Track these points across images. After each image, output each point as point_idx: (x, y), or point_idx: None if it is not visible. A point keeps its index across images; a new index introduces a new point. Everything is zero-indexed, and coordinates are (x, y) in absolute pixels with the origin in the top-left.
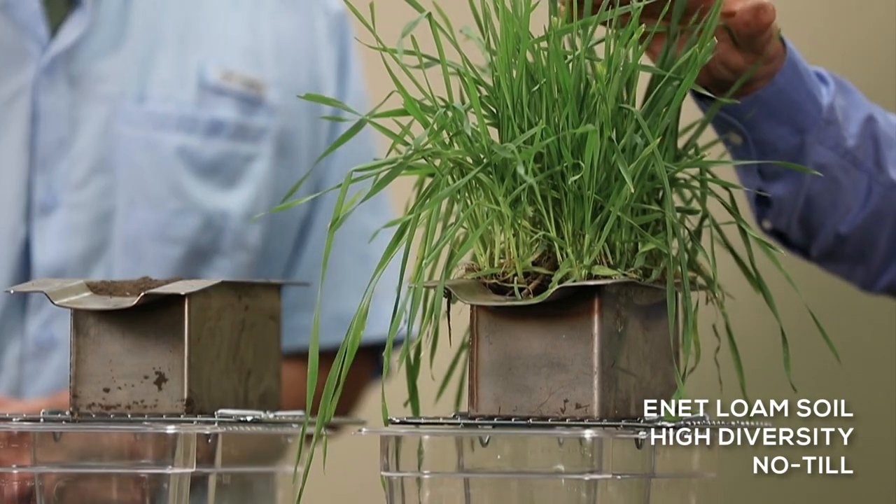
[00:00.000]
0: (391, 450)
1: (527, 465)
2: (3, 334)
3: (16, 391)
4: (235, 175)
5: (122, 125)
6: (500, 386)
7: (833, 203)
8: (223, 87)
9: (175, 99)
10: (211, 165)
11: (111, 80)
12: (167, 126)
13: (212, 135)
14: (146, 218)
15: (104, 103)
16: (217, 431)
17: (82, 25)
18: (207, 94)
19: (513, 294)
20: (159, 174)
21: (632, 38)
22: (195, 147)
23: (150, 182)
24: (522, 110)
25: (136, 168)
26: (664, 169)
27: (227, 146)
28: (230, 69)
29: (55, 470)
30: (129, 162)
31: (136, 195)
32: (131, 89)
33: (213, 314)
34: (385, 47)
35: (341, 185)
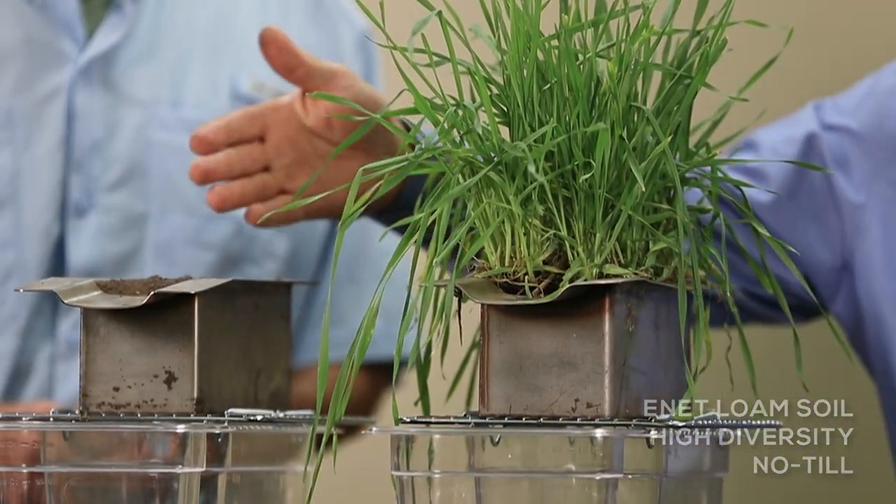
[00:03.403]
0: (402, 449)
1: (538, 465)
2: (33, 335)
3: (47, 392)
4: None
5: (155, 130)
6: (510, 385)
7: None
8: (254, 98)
9: (208, 107)
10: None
11: (146, 86)
12: None
13: None
14: (179, 223)
15: (139, 108)
16: (227, 431)
17: (120, 29)
18: (240, 103)
19: (523, 293)
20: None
21: (643, 37)
22: None
23: (183, 187)
24: (533, 109)
25: (168, 173)
26: (675, 167)
27: None
28: (261, 81)
29: (65, 469)
30: (162, 167)
31: (169, 200)
32: (165, 95)
33: (223, 313)
34: (395, 45)
35: (350, 183)
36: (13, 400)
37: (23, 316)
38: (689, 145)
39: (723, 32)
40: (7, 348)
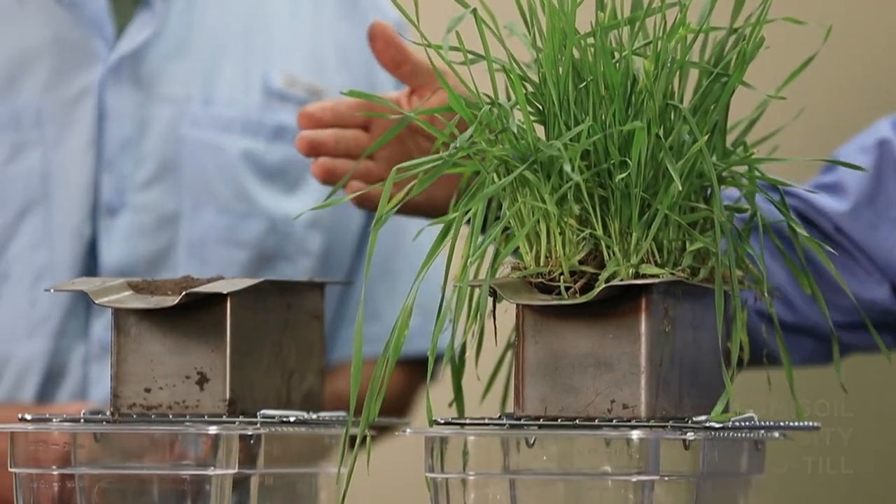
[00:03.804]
0: (436, 451)
1: (573, 467)
2: (66, 337)
3: (81, 394)
4: (297, 180)
5: (187, 127)
6: (546, 386)
7: None
8: (287, 94)
9: (240, 103)
10: (274, 170)
11: (177, 83)
12: (232, 129)
13: (276, 139)
14: (212, 221)
15: (170, 105)
16: (259, 432)
17: (150, 26)
18: (272, 99)
19: (559, 293)
20: (224, 177)
21: (679, 34)
22: (260, 151)
23: (215, 185)
24: (569, 107)
25: (201, 171)
26: (712, 166)
27: (290, 151)
28: (294, 76)
29: (95, 471)
30: (194, 164)
31: (202, 198)
32: (197, 92)
33: (255, 313)
34: (430, 43)
35: (385, 182)
36: (47, 403)
37: (56, 317)
38: (726, 144)
39: (760, 30)
40: (40, 350)
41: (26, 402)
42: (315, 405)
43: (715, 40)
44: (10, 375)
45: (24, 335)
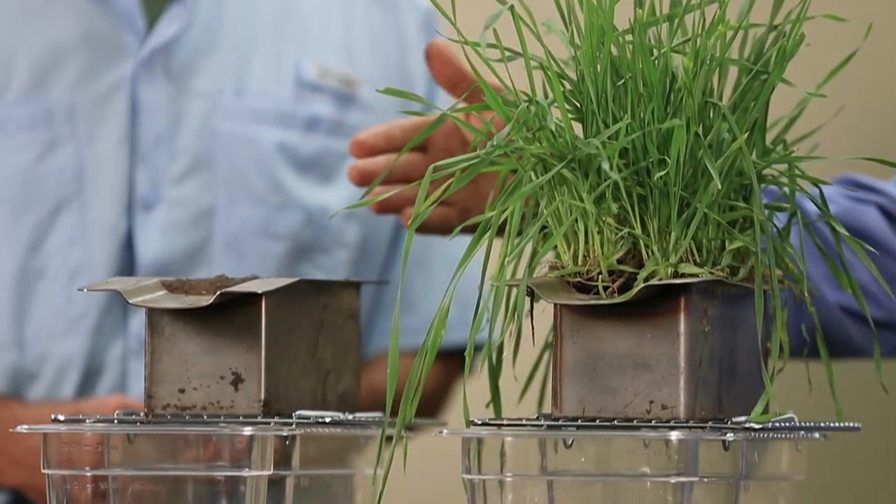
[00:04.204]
0: (473, 452)
1: (612, 468)
2: (104, 333)
3: (119, 390)
4: (332, 171)
5: (220, 120)
6: (584, 386)
7: None
8: (320, 84)
9: (273, 95)
10: (309, 161)
11: (209, 76)
12: (266, 121)
13: (310, 130)
14: (248, 214)
15: (202, 98)
16: (295, 433)
17: (181, 19)
18: (305, 90)
19: (597, 293)
20: (259, 170)
21: (719, 31)
22: (294, 142)
23: (250, 178)
24: (607, 105)
25: (235, 163)
26: (752, 165)
27: (324, 142)
28: (326, 66)
29: (129, 472)
30: (228, 157)
31: (237, 191)
32: (229, 85)
33: (290, 313)
34: (467, 40)
35: (421, 181)
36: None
37: (93, 314)
38: (765, 142)
39: (800, 27)
40: (78, 348)
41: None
42: (351, 406)
43: (754, 37)
44: (49, 373)
45: (62, 333)
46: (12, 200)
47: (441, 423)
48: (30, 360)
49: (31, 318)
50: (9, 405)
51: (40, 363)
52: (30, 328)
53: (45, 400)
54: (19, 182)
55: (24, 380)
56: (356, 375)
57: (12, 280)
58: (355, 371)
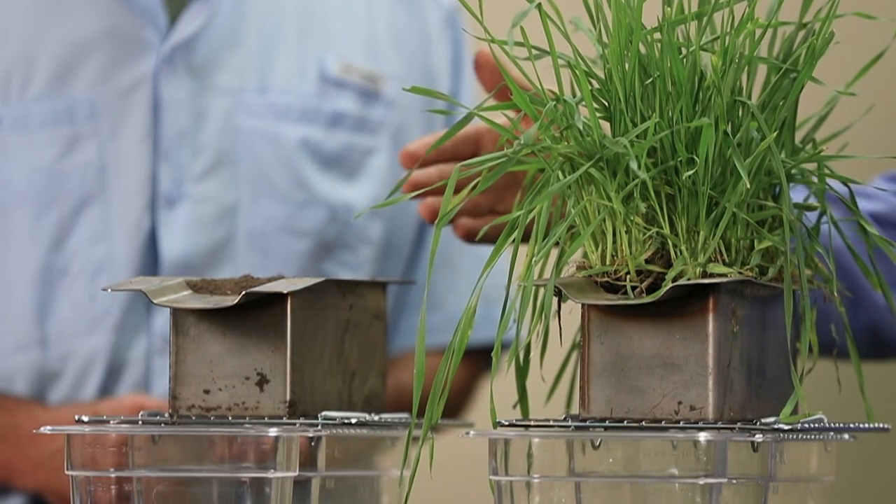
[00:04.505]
0: (500, 453)
1: (640, 469)
2: (127, 330)
3: (143, 387)
4: (356, 168)
5: (243, 116)
6: (611, 387)
7: None
8: (343, 80)
9: (296, 91)
10: (333, 157)
11: (231, 72)
12: (289, 117)
13: (333, 126)
14: (271, 211)
15: (225, 95)
16: (320, 434)
17: (203, 15)
18: (328, 86)
19: (625, 293)
20: (282, 166)
21: (747, 29)
22: (317, 139)
23: (274, 174)
24: (635, 103)
25: (258, 160)
26: (781, 164)
27: (347, 138)
28: (349, 62)
29: (154, 474)
30: (251, 154)
31: (260, 188)
32: (251, 81)
33: (316, 313)
34: (494, 39)
35: (448, 180)
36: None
37: (116, 312)
38: (794, 141)
39: (830, 25)
40: (101, 345)
41: (88, 399)
42: (377, 407)
43: (784, 35)
44: (72, 372)
45: (85, 331)
46: (34, 198)
47: (468, 423)
48: (53, 358)
49: (53, 316)
50: (29, 409)
51: (63, 362)
52: (52, 327)
53: (67, 398)
54: (41, 180)
55: (47, 378)
56: (382, 376)
57: (35, 278)
58: (381, 372)
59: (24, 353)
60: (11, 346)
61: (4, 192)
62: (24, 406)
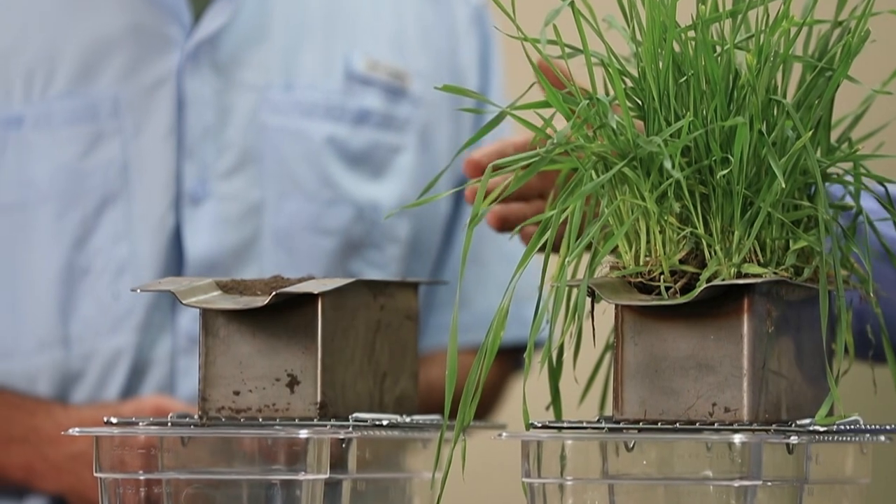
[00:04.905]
0: (533, 455)
1: (674, 471)
2: (152, 330)
3: (168, 387)
4: (383, 166)
5: (268, 114)
6: (645, 388)
7: None
8: (369, 77)
9: (322, 88)
10: (359, 155)
11: (256, 69)
12: (315, 114)
13: (359, 124)
14: (297, 209)
15: (250, 92)
16: (351, 436)
17: (227, 11)
18: (354, 83)
19: (659, 293)
20: (308, 164)
21: (783, 27)
22: (343, 136)
23: (300, 172)
24: (669, 102)
25: (284, 158)
26: (816, 163)
27: (374, 135)
28: (376, 59)
29: (183, 476)
30: (277, 151)
31: (286, 186)
32: (277, 78)
33: (347, 314)
34: (527, 37)
35: (480, 179)
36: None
37: (140, 311)
38: (830, 140)
39: (866, 23)
40: (125, 345)
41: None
42: (409, 408)
43: (819, 34)
44: (95, 371)
45: (108, 330)
46: (57, 196)
47: (500, 425)
48: (76, 358)
49: (76, 315)
50: (49, 410)
51: (86, 361)
52: (76, 326)
53: (90, 399)
54: (64, 178)
55: (70, 379)
56: (414, 377)
57: (58, 277)
58: (413, 373)
59: (46, 352)
60: (34, 345)
61: (27, 190)
62: (45, 407)
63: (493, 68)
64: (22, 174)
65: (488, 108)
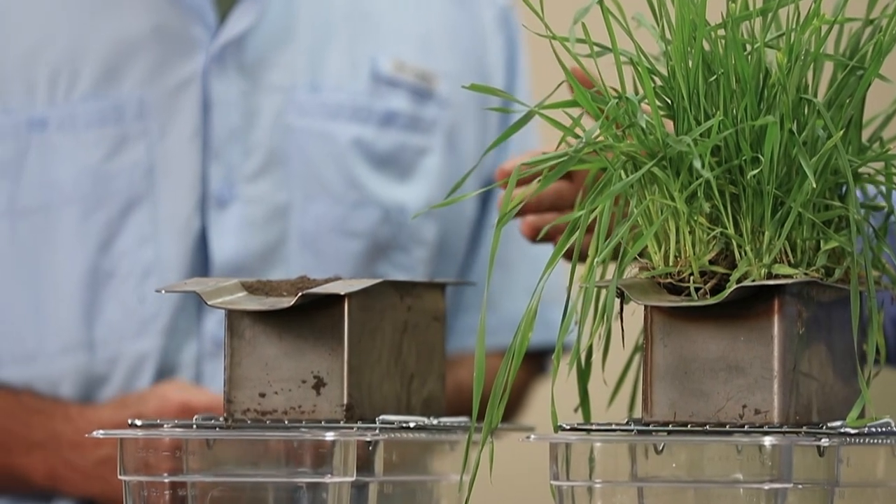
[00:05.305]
0: (561, 458)
1: (703, 474)
2: (177, 334)
3: None
4: (409, 168)
5: (294, 116)
6: (675, 390)
7: None
8: (396, 79)
9: (348, 89)
10: (385, 157)
11: (282, 70)
12: (341, 116)
13: (386, 125)
14: (324, 211)
15: (276, 93)
16: (378, 438)
17: (253, 12)
18: (381, 85)
19: (688, 294)
20: (334, 166)
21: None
22: (370, 138)
23: (326, 174)
24: (699, 101)
25: (310, 160)
26: (847, 163)
27: (400, 137)
28: (402, 60)
29: (208, 479)
30: (303, 154)
31: (312, 188)
32: (303, 79)
33: (374, 315)
34: (555, 35)
35: (508, 179)
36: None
37: (165, 314)
38: (861, 139)
39: None
40: (150, 348)
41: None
42: (436, 410)
43: (850, 32)
44: (120, 375)
45: (133, 334)
46: (82, 199)
47: (528, 427)
48: (100, 362)
49: (101, 318)
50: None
51: (111, 365)
52: (100, 329)
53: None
54: (89, 180)
55: (95, 382)
56: (441, 379)
57: (82, 280)
58: (440, 374)
59: (70, 356)
60: (58, 348)
61: (51, 193)
62: (62, 409)
63: (520, 69)
64: (45, 176)
65: (515, 108)
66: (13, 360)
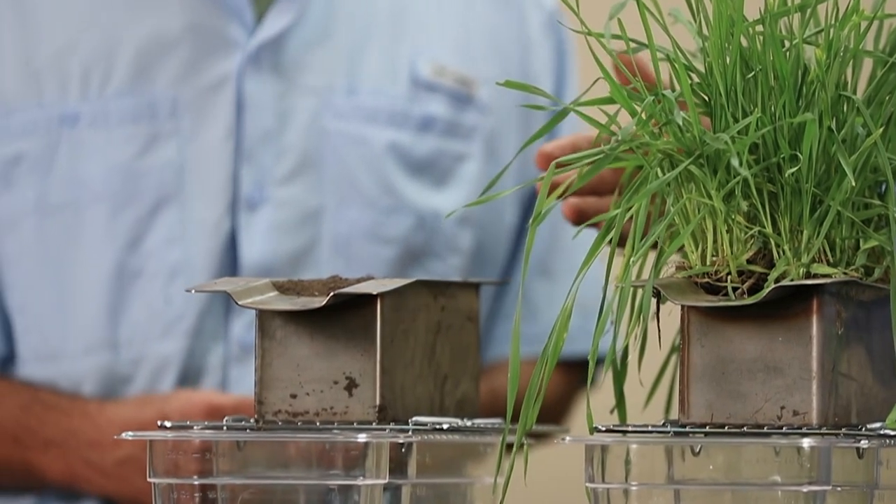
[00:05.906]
0: (597, 460)
1: (741, 476)
2: (203, 336)
3: None
4: (446, 174)
5: (330, 119)
6: (712, 392)
7: None
8: (435, 83)
9: (386, 93)
10: (422, 163)
11: (319, 72)
12: (377, 121)
13: (423, 131)
14: (357, 216)
15: (311, 96)
16: (411, 440)
17: (291, 12)
18: (419, 89)
19: (726, 294)
20: (369, 171)
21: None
22: (406, 143)
23: (360, 179)
24: (736, 98)
25: (344, 164)
26: (887, 160)
27: (438, 143)
28: (442, 64)
29: (238, 481)
30: (337, 157)
31: (346, 193)
32: (340, 82)
33: (407, 315)
34: (591, 31)
35: (543, 177)
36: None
37: (191, 316)
38: None
39: None
40: (175, 351)
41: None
42: (470, 412)
43: (890, 28)
44: (144, 376)
45: (159, 335)
46: (111, 197)
47: (563, 429)
48: (124, 362)
49: (126, 318)
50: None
51: (135, 366)
52: (125, 329)
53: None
54: (119, 178)
55: (118, 383)
56: (475, 380)
57: (108, 279)
58: (474, 375)
59: (93, 355)
60: (81, 348)
61: (80, 189)
62: (80, 406)
63: (568, 75)
64: (74, 173)
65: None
66: (36, 357)
